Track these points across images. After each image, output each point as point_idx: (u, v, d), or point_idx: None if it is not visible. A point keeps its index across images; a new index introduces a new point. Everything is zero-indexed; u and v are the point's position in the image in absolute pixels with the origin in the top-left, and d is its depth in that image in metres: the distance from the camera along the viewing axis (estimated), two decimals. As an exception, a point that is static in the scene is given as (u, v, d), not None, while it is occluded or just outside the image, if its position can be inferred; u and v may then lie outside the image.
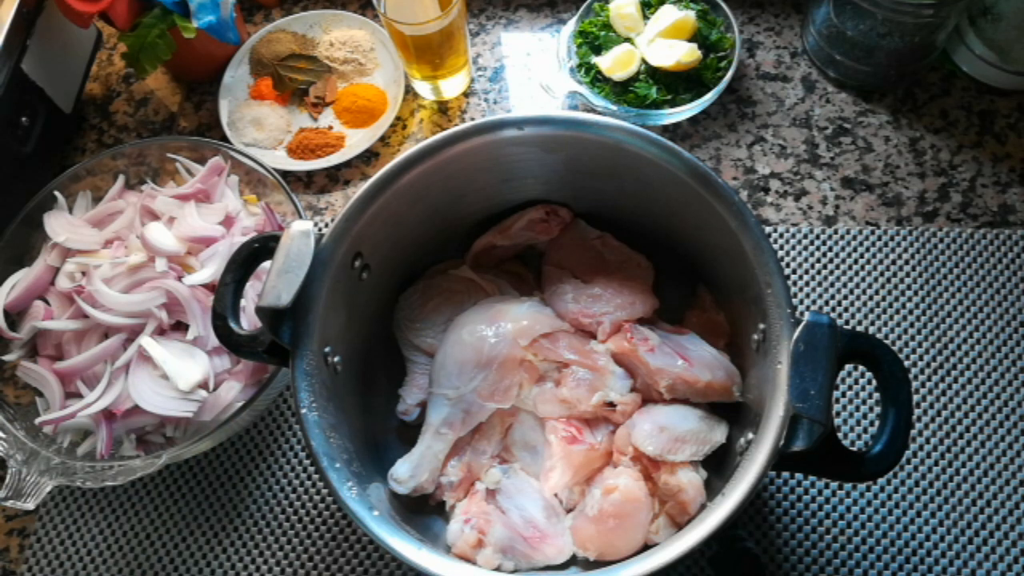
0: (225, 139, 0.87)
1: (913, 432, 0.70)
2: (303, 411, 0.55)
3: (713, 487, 0.60)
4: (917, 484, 0.69)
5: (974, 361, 0.73)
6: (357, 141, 0.86)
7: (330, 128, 0.88)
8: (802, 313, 0.72)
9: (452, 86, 0.88)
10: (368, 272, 0.65)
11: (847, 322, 0.75)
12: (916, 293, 0.75)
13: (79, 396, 0.69)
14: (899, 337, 0.74)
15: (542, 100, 0.88)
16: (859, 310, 0.75)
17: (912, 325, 0.74)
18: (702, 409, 0.64)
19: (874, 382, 0.71)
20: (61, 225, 0.74)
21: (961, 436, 0.70)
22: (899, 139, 0.82)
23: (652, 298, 0.69)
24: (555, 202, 0.72)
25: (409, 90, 0.89)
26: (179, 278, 0.70)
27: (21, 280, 0.73)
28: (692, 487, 0.59)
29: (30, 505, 0.64)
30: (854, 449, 0.54)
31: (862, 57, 0.81)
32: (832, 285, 0.76)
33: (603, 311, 0.67)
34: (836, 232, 0.78)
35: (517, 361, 0.65)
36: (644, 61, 0.82)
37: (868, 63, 0.81)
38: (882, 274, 0.76)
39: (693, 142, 0.84)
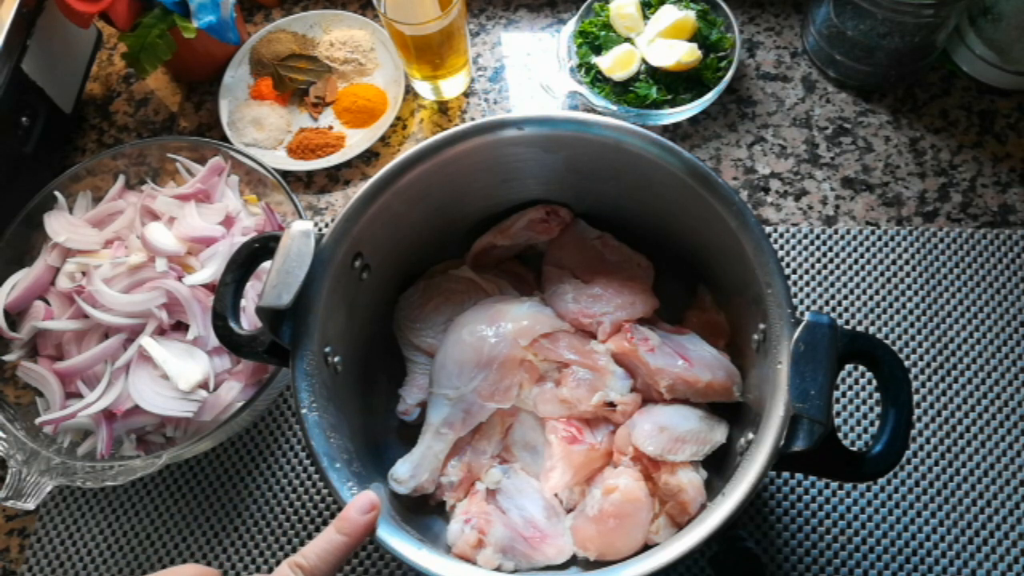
0: (225, 139, 0.87)
1: (913, 432, 0.70)
2: (303, 411, 0.55)
3: (713, 487, 0.60)
4: (917, 484, 0.69)
5: (974, 361, 0.73)
6: (357, 141, 0.86)
7: (330, 128, 0.88)
8: (802, 313, 0.72)
9: (452, 86, 0.88)
10: (368, 272, 0.65)
11: (847, 322, 0.75)
12: (916, 293, 0.75)
13: (79, 396, 0.69)
14: (899, 337, 0.74)
15: (542, 100, 0.88)
16: (859, 310, 0.75)
17: (912, 325, 0.74)
18: (702, 409, 0.64)
19: (874, 382, 0.71)
20: (61, 225, 0.74)
21: (961, 436, 0.70)
22: (899, 139, 0.82)
23: (652, 298, 0.69)
24: (555, 202, 0.72)
25: (409, 90, 0.89)
26: (179, 278, 0.70)
27: (21, 280, 0.73)
28: (692, 487, 0.59)
29: (30, 505, 0.64)
30: (854, 449, 0.54)
31: (862, 57, 0.81)
32: (832, 285, 0.76)
33: (603, 311, 0.67)
34: (836, 232, 0.78)
35: (517, 361, 0.65)
36: (644, 61, 0.82)
37: (868, 63, 0.81)
38: (882, 274, 0.76)
39: (693, 142, 0.84)
